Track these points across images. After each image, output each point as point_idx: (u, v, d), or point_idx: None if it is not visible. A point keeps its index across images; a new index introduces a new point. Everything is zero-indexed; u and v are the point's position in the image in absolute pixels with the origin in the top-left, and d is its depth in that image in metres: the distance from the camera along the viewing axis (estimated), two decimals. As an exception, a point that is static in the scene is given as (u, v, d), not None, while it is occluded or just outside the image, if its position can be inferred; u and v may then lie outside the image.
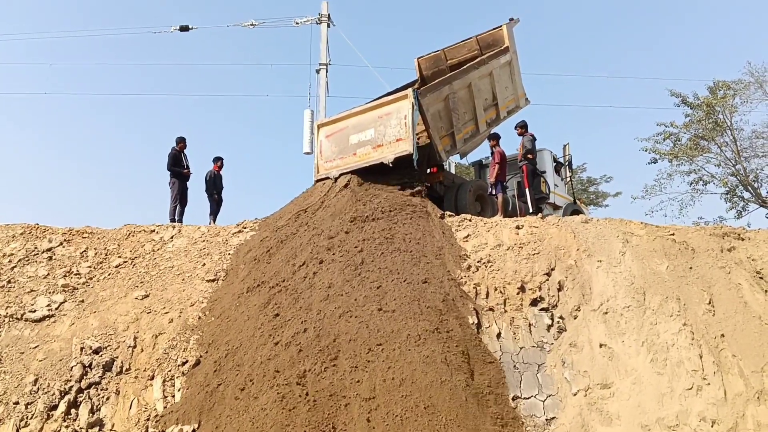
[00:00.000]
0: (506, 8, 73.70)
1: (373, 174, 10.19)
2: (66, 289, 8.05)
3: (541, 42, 66.63)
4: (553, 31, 69.74)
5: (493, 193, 10.81)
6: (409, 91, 10.01)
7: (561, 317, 7.25)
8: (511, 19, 12.84)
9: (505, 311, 7.27)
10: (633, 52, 65.28)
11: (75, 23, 54.00)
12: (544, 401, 6.35)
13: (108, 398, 6.54)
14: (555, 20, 69.76)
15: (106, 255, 8.91)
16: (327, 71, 16.94)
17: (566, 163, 14.35)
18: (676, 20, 65.17)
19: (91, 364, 6.82)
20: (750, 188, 18.35)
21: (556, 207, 13.58)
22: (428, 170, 10.85)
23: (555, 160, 14.23)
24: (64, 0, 56.97)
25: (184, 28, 18.16)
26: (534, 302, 7.38)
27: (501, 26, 12.67)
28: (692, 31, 65.90)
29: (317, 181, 10.83)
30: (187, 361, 6.85)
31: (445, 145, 10.81)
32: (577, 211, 13.73)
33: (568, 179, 14.66)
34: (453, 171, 16.13)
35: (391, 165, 9.89)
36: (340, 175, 10.37)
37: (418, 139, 10.33)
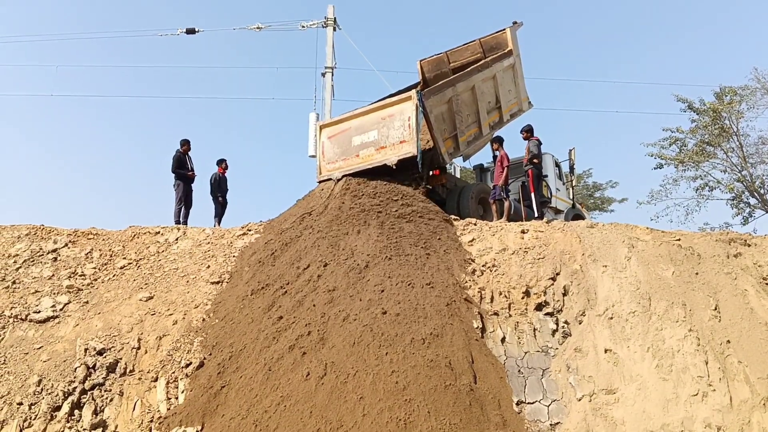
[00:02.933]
0: (511, 12, 73.81)
1: (375, 176, 10.16)
2: (70, 290, 8.06)
3: (546, 46, 66.67)
4: (558, 36, 69.80)
5: (504, 196, 10.68)
6: (413, 92, 9.91)
7: (566, 322, 7.23)
8: (515, 23, 12.81)
9: (510, 316, 7.25)
10: (639, 57, 65.24)
11: (80, 25, 54.32)
12: (548, 406, 6.32)
13: (111, 399, 6.53)
14: (560, 25, 69.81)
15: (111, 256, 8.92)
16: (333, 74, 16.97)
17: (570, 168, 14.31)
18: (683, 26, 65.16)
19: (95, 365, 6.81)
20: (756, 194, 18.29)
21: (557, 211, 13.56)
22: (431, 173, 10.80)
23: (556, 164, 14.20)
24: (68, 2, 57.29)
25: (191, 31, 18.23)
26: (539, 307, 7.36)
27: (504, 29, 12.62)
28: (699, 36, 65.86)
29: (320, 182, 10.82)
30: (190, 363, 6.84)
31: (448, 147, 10.72)
32: (578, 216, 13.72)
33: (570, 183, 14.62)
34: (458, 174, 16.08)
35: (394, 167, 9.86)
36: (343, 176, 10.33)
37: (423, 141, 10.29)
